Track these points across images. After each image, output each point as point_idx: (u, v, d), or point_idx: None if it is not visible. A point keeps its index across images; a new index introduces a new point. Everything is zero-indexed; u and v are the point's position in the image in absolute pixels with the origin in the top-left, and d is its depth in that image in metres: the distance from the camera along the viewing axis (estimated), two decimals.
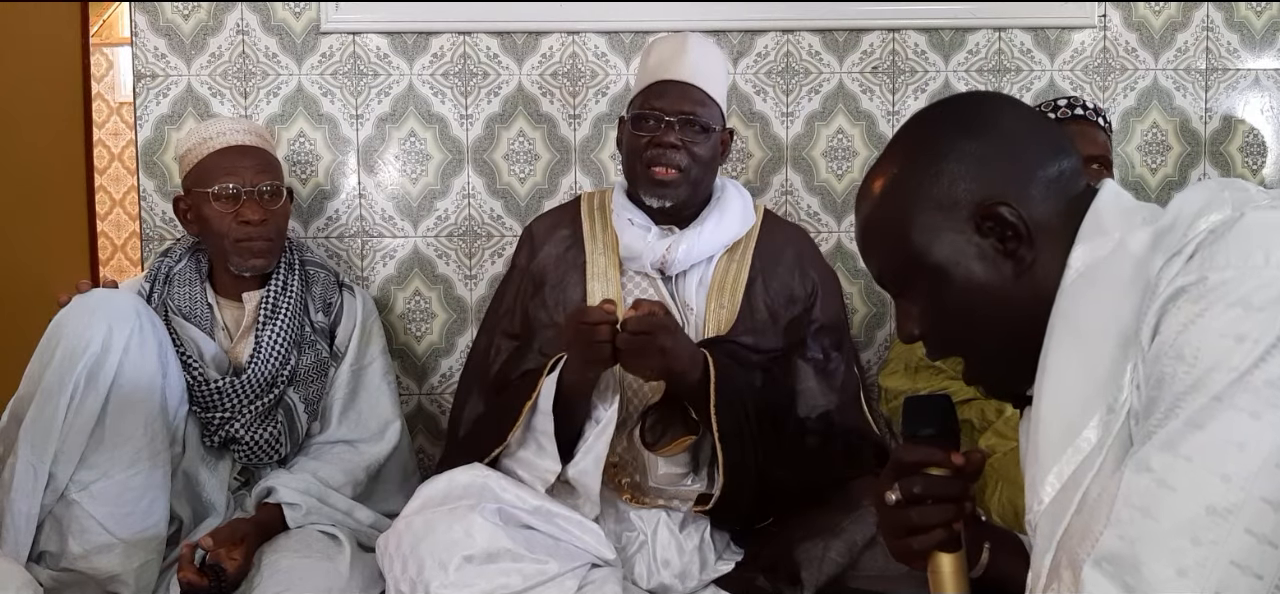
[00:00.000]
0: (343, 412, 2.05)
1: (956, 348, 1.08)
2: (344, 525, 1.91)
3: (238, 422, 1.90)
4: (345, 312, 2.08)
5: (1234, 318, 0.82)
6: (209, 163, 1.96)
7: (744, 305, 1.91)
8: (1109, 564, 0.84)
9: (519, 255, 2.05)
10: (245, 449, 1.93)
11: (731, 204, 1.98)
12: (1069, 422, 0.92)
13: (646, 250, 1.90)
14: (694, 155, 1.90)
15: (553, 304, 1.93)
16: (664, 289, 1.93)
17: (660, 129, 1.89)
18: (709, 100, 1.92)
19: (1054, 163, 1.02)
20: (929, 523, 1.07)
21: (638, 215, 1.95)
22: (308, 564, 1.76)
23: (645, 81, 1.95)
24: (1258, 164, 2.53)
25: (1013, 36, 2.42)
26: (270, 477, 1.94)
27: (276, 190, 1.99)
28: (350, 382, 2.06)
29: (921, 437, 1.11)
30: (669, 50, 1.94)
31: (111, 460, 1.74)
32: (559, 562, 1.60)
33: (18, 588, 1.60)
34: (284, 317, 1.96)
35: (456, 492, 1.68)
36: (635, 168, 1.93)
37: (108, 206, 4.77)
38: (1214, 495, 0.80)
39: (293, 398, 1.96)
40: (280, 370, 1.93)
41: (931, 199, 1.03)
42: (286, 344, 1.94)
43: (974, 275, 1.01)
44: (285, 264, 2.01)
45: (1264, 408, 0.80)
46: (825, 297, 2.00)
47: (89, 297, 1.79)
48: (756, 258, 1.97)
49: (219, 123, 2.04)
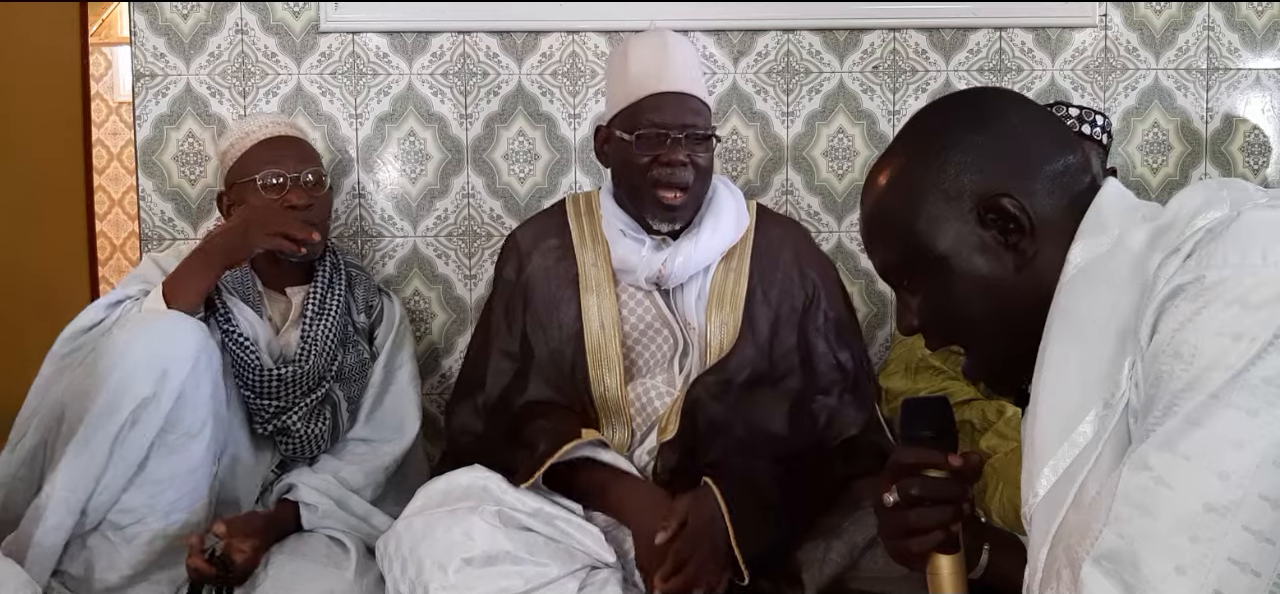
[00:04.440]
0: (371, 411, 2.05)
1: (955, 341, 1.08)
2: (359, 530, 1.90)
3: (294, 413, 1.90)
4: (385, 315, 2.11)
5: (1231, 316, 0.82)
6: (252, 154, 1.98)
7: (745, 319, 1.87)
8: (1108, 562, 0.84)
9: (505, 267, 1.98)
10: (296, 441, 1.92)
11: (725, 207, 1.92)
12: (1066, 416, 0.92)
13: (641, 265, 1.85)
14: (698, 168, 1.84)
15: (547, 323, 1.88)
16: (662, 304, 1.89)
17: (665, 146, 1.82)
18: (703, 105, 1.88)
19: (1058, 158, 1.03)
20: (927, 525, 1.07)
21: (629, 224, 1.90)
22: (313, 569, 1.76)
23: (636, 93, 1.85)
24: (1259, 164, 2.52)
25: (1013, 36, 2.42)
26: (293, 473, 1.93)
27: (319, 178, 2.01)
28: (381, 382, 2.07)
29: (919, 438, 1.11)
30: (653, 56, 1.86)
31: (150, 508, 1.71)
32: (559, 564, 1.60)
33: (17, 588, 1.60)
34: (332, 313, 1.97)
35: (456, 493, 1.68)
36: (639, 190, 1.86)
37: (107, 206, 4.77)
38: (1212, 493, 0.80)
39: (338, 394, 1.97)
40: (329, 366, 1.94)
41: (936, 190, 1.04)
42: (335, 340, 1.96)
43: (976, 266, 1.02)
44: (330, 263, 2.03)
45: (1261, 406, 0.80)
46: (828, 292, 1.95)
47: (153, 328, 1.70)
48: (754, 264, 1.92)
49: (259, 118, 2.08)
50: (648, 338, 1.88)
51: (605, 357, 1.85)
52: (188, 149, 2.32)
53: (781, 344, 1.88)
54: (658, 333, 1.88)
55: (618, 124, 1.88)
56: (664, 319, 1.88)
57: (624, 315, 1.88)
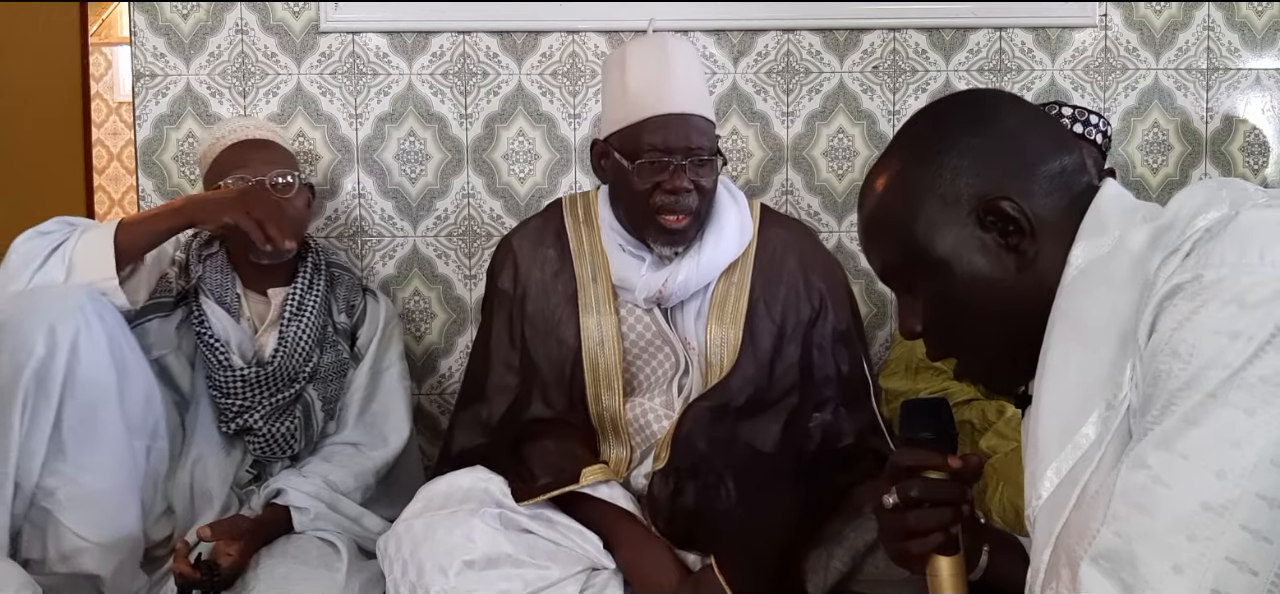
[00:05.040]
0: (360, 413, 2.06)
1: (958, 344, 1.08)
2: (350, 531, 1.90)
3: (257, 412, 1.90)
4: (368, 315, 2.10)
5: (1229, 315, 0.82)
6: (223, 158, 2.00)
7: (746, 334, 1.80)
8: (1106, 561, 0.84)
9: (500, 276, 1.90)
10: (260, 440, 1.93)
11: (727, 219, 1.84)
12: (1068, 418, 0.92)
13: (640, 285, 1.79)
14: (702, 189, 1.76)
15: (546, 339, 1.83)
16: (661, 321, 1.83)
17: (667, 173, 1.73)
18: (707, 123, 1.79)
19: (1057, 158, 1.03)
20: (927, 526, 1.07)
21: (628, 240, 1.84)
22: (304, 571, 1.75)
23: (635, 114, 1.76)
24: (1259, 164, 2.52)
25: (1013, 36, 2.42)
26: (280, 477, 1.93)
27: (288, 183, 2.00)
28: (368, 383, 2.07)
29: (919, 440, 1.11)
30: (653, 71, 1.76)
31: (76, 466, 1.70)
32: (560, 566, 1.60)
33: (17, 588, 1.60)
34: (310, 314, 1.97)
35: (458, 495, 1.68)
36: (639, 213, 1.78)
37: (107, 206, 4.76)
38: (1209, 492, 0.80)
39: (311, 395, 1.97)
40: (303, 366, 1.94)
41: (934, 193, 1.03)
42: (310, 341, 1.96)
43: (976, 269, 1.02)
44: (311, 264, 2.03)
45: (1259, 404, 0.80)
46: (835, 302, 1.88)
47: (33, 295, 1.73)
48: (757, 274, 1.85)
49: (234, 122, 2.10)
50: (648, 355, 1.85)
51: (605, 377, 1.81)
52: (188, 149, 2.32)
53: (784, 360, 1.82)
54: (658, 350, 1.84)
55: (615, 143, 1.79)
56: (664, 336, 1.83)
57: (624, 332, 1.83)
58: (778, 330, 1.83)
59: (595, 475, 1.71)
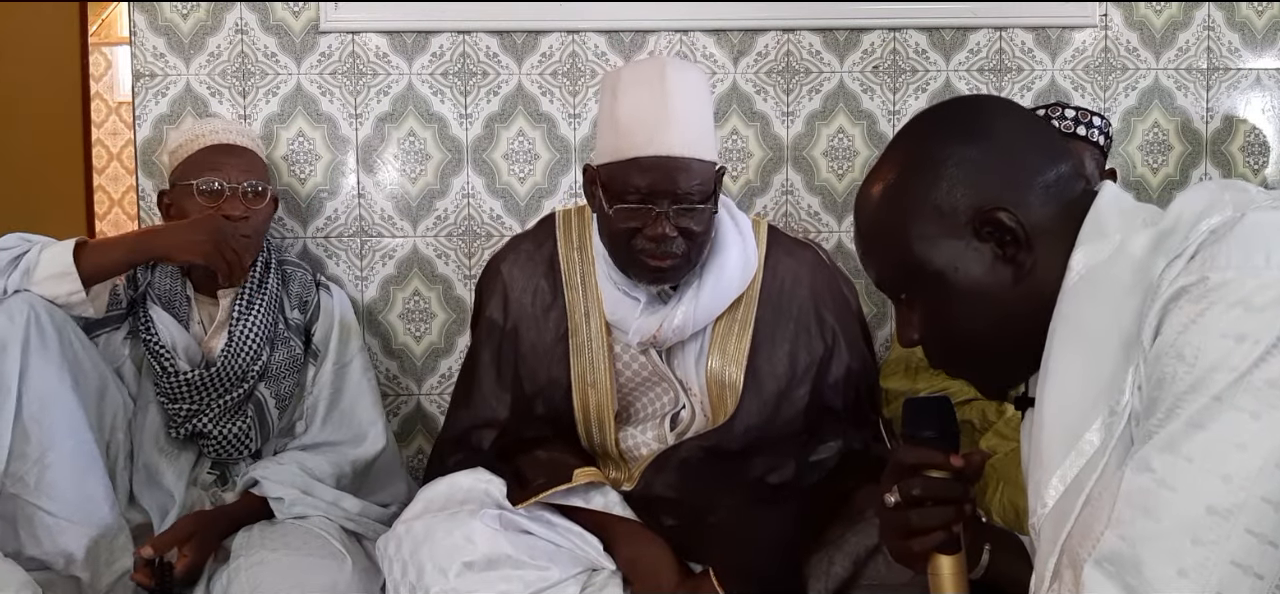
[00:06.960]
0: (328, 412, 2.05)
1: (956, 354, 1.08)
2: (330, 514, 1.90)
3: (206, 415, 1.90)
4: (323, 310, 2.09)
5: (1235, 318, 0.82)
6: (196, 159, 1.99)
7: (749, 379, 1.71)
8: (1110, 564, 0.84)
9: (489, 304, 1.81)
10: (214, 443, 1.93)
11: (729, 254, 1.72)
12: (1072, 425, 0.92)
13: (634, 328, 1.70)
14: (692, 234, 1.63)
15: (537, 376, 1.77)
16: (657, 360, 1.76)
17: (648, 219, 1.61)
18: (703, 165, 1.63)
19: (1052, 167, 1.02)
20: (928, 525, 1.07)
21: (621, 278, 1.72)
22: (312, 562, 1.76)
23: (624, 150, 1.62)
24: (1259, 164, 2.52)
25: (1014, 36, 2.42)
26: (257, 468, 1.94)
27: (259, 191, 2.00)
28: (334, 381, 2.06)
29: (921, 438, 1.11)
30: (647, 106, 1.61)
31: (42, 447, 1.69)
32: (560, 567, 1.60)
33: (17, 588, 1.61)
34: (258, 312, 1.96)
35: (458, 496, 1.68)
36: (621, 255, 1.68)
37: (106, 206, 4.76)
38: (1215, 495, 0.80)
39: (263, 393, 1.97)
40: (251, 365, 1.94)
41: (929, 205, 1.03)
42: (259, 339, 1.95)
43: (973, 280, 1.01)
44: (262, 262, 2.02)
45: (1264, 408, 0.80)
46: (848, 338, 1.78)
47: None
48: (762, 310, 1.74)
49: (210, 122, 2.08)
50: (643, 390, 1.80)
51: (596, 414, 1.77)
52: None
53: (793, 404, 1.73)
54: (654, 387, 1.80)
55: (603, 176, 1.66)
56: (661, 375, 1.78)
57: (618, 370, 1.77)
58: (786, 371, 1.73)
59: (588, 476, 1.70)
